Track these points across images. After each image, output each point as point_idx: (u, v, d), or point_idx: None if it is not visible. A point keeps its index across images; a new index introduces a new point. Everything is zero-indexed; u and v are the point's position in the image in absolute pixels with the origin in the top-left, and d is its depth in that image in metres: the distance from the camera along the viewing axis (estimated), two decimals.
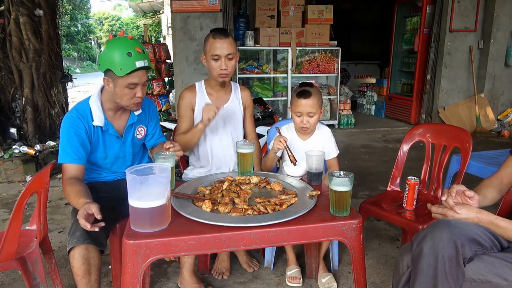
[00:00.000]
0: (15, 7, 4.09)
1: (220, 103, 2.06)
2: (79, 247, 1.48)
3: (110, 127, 1.79)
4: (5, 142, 4.22)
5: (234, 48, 1.97)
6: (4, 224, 2.84)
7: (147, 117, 1.95)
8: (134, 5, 16.19)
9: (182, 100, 2.08)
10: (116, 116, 1.82)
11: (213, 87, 2.08)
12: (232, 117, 2.11)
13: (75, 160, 1.67)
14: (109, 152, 1.84)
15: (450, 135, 2.09)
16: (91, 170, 1.87)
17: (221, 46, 1.92)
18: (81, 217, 1.35)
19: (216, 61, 1.94)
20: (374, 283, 2.09)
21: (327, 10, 5.84)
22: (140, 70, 1.65)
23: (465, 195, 1.37)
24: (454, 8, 5.66)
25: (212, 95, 2.08)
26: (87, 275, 1.49)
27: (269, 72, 6.05)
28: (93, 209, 1.36)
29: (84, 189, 1.56)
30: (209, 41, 1.95)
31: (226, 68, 1.94)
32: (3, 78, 4.32)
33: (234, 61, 1.98)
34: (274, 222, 1.28)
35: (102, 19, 34.31)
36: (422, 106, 6.23)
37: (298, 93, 1.90)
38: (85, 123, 1.72)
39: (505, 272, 1.19)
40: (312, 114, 1.88)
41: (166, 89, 6.43)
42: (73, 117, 1.71)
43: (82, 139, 1.70)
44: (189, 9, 5.08)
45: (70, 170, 1.66)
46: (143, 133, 1.94)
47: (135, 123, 1.88)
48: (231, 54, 1.94)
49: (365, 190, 3.46)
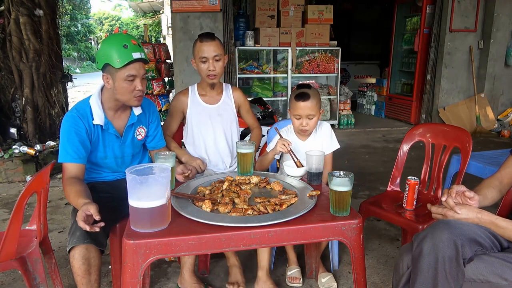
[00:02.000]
0: (15, 7, 4.09)
1: (212, 102, 2.16)
2: (79, 247, 1.47)
3: (110, 126, 1.79)
4: (5, 142, 4.22)
5: (221, 50, 2.03)
6: (4, 224, 2.84)
7: (147, 118, 1.95)
8: (134, 5, 16.20)
9: (175, 101, 2.18)
10: (116, 116, 1.83)
11: (204, 88, 2.16)
12: (224, 114, 2.18)
13: (75, 159, 1.67)
14: (108, 152, 1.84)
15: (450, 135, 2.09)
16: (91, 170, 1.87)
17: (208, 48, 1.99)
18: (80, 220, 1.35)
19: (204, 63, 2.02)
20: (374, 283, 2.08)
21: (327, 10, 5.84)
22: (137, 62, 1.67)
23: (465, 196, 1.37)
24: (454, 8, 5.66)
25: (204, 96, 2.16)
26: (87, 275, 1.49)
27: (269, 72, 6.06)
28: (91, 210, 1.36)
29: (83, 189, 1.56)
30: (197, 45, 2.03)
31: (214, 69, 2.02)
32: (3, 78, 4.32)
33: (222, 62, 2.05)
34: (274, 222, 1.28)
35: (102, 19, 34.31)
36: (422, 106, 6.24)
37: (297, 96, 1.87)
38: (85, 122, 1.72)
39: (505, 272, 1.19)
40: (312, 116, 1.87)
41: (166, 89, 6.43)
42: (74, 116, 1.71)
43: (83, 138, 1.71)
44: (189, 9, 5.08)
45: (70, 169, 1.66)
46: (143, 134, 1.94)
47: (135, 123, 1.88)
48: (218, 56, 2.01)
49: (365, 190, 3.46)
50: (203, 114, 2.14)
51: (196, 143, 2.17)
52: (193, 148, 2.18)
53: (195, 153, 2.17)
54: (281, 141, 1.81)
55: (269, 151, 1.94)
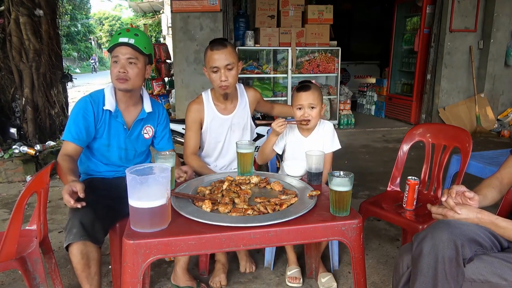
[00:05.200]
0: (15, 7, 4.10)
1: (228, 112, 2.09)
2: (76, 243, 1.50)
3: (119, 115, 1.86)
4: (5, 142, 4.22)
5: (233, 57, 1.92)
6: (4, 224, 2.84)
7: (156, 118, 2.00)
8: (134, 5, 16.20)
9: (189, 113, 2.07)
10: (127, 110, 1.90)
11: (219, 97, 2.06)
12: (239, 122, 2.12)
13: (74, 140, 1.77)
14: (113, 140, 1.88)
15: (450, 135, 2.09)
16: (91, 159, 1.91)
17: (219, 57, 1.88)
18: (66, 193, 1.45)
19: (216, 73, 1.92)
20: (374, 283, 2.08)
21: (327, 10, 5.84)
22: (122, 46, 1.76)
23: (465, 196, 1.37)
24: (454, 8, 5.66)
25: (219, 106, 2.08)
26: (86, 268, 1.54)
27: (269, 72, 6.06)
28: (77, 187, 1.46)
29: (74, 168, 1.68)
30: (208, 54, 1.93)
31: (226, 79, 1.91)
32: (3, 78, 4.32)
33: (235, 70, 1.94)
34: (274, 222, 1.28)
35: (102, 19, 34.32)
36: (422, 106, 6.24)
37: (298, 88, 1.94)
38: (95, 108, 1.81)
39: (505, 272, 1.19)
40: (313, 106, 1.89)
41: (166, 89, 6.43)
42: (86, 101, 1.82)
43: (88, 123, 1.80)
44: (189, 9, 5.08)
45: (68, 147, 1.77)
46: (150, 133, 1.99)
47: (144, 120, 1.94)
48: (230, 64, 1.90)
49: (365, 190, 3.46)
50: (220, 125, 2.08)
51: (208, 151, 2.14)
52: (203, 154, 2.16)
53: (204, 159, 2.17)
54: (275, 123, 1.84)
55: (268, 136, 1.96)
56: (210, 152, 2.15)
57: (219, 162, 2.17)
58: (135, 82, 1.81)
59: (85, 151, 1.89)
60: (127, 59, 1.77)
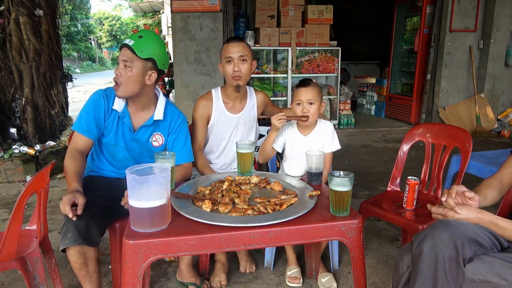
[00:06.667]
0: (15, 7, 4.09)
1: (236, 111, 2.11)
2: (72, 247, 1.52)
3: (126, 115, 1.83)
4: (5, 142, 4.22)
5: (248, 51, 1.99)
6: (4, 224, 2.83)
7: (167, 126, 1.91)
8: (134, 5, 16.19)
9: (197, 107, 2.08)
10: (136, 112, 1.86)
11: (228, 95, 2.08)
12: (245, 123, 2.14)
13: (84, 132, 1.75)
14: (119, 140, 1.86)
15: (450, 135, 2.09)
16: (99, 156, 1.89)
17: (234, 49, 1.96)
18: (67, 204, 1.46)
19: (229, 63, 1.98)
20: (374, 283, 2.08)
21: (327, 10, 5.84)
22: (123, 47, 1.74)
23: (465, 196, 1.37)
24: (454, 8, 5.66)
25: (228, 104, 2.10)
26: (84, 267, 1.55)
27: (269, 72, 6.05)
28: (79, 202, 1.49)
29: (81, 170, 1.68)
30: (223, 47, 2.02)
31: (239, 69, 1.97)
32: (3, 78, 4.32)
33: (249, 65, 2.01)
34: (274, 222, 1.28)
35: (102, 19, 34.31)
36: (422, 106, 6.24)
37: (298, 84, 1.96)
38: (106, 103, 1.80)
39: (505, 272, 1.19)
40: (312, 102, 1.90)
41: (166, 89, 6.43)
42: (100, 94, 1.81)
43: (99, 116, 1.79)
44: (189, 9, 5.08)
45: (78, 140, 1.76)
46: (160, 142, 1.91)
47: (153, 127, 1.88)
48: (244, 56, 1.97)
49: (365, 190, 3.46)
50: (226, 123, 2.09)
51: (212, 147, 2.15)
52: (206, 150, 2.16)
53: (206, 155, 2.17)
54: (274, 118, 1.84)
55: (268, 133, 1.96)
56: (214, 149, 2.15)
57: (221, 160, 2.18)
58: (126, 88, 1.73)
59: (95, 148, 1.89)
60: (123, 61, 1.73)
